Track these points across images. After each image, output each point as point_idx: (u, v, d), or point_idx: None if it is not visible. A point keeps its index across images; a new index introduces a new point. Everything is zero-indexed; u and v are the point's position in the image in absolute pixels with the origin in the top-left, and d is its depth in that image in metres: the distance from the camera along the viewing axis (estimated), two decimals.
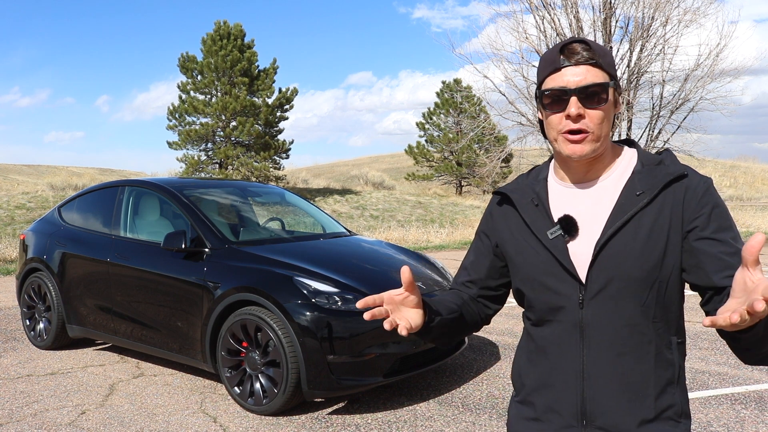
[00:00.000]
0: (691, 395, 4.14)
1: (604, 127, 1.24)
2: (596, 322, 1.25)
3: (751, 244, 0.91)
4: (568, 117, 1.23)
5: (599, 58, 1.24)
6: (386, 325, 1.16)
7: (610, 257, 1.23)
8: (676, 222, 1.22)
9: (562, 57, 1.24)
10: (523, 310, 1.44)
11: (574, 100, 1.22)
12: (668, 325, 1.26)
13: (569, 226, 1.27)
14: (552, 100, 1.25)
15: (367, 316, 1.15)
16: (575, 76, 1.22)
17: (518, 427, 1.40)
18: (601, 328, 1.25)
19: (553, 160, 1.40)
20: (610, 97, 1.24)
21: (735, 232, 1.22)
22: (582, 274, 1.25)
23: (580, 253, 1.26)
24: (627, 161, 1.32)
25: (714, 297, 1.19)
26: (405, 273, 1.19)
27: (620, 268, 1.22)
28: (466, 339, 4.59)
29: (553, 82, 1.24)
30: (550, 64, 1.26)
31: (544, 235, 1.29)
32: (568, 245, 1.27)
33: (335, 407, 4.00)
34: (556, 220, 1.30)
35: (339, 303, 3.78)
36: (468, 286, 1.48)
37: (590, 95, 1.22)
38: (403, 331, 1.17)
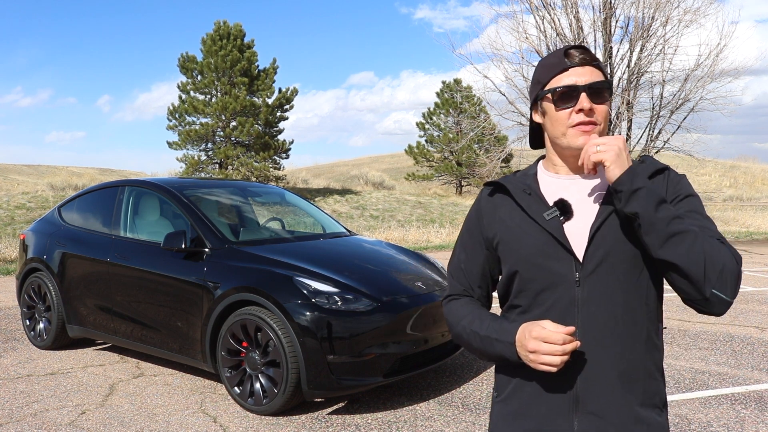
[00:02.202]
0: (691, 395, 4.14)
1: (606, 122, 1.36)
2: (592, 299, 1.29)
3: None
4: (579, 111, 1.32)
5: (598, 61, 1.37)
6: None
7: (606, 236, 1.30)
8: None
9: (566, 60, 1.35)
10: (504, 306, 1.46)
11: (584, 95, 1.32)
12: (656, 308, 1.34)
13: (565, 208, 1.35)
14: (561, 97, 1.34)
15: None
16: (582, 75, 1.33)
17: (501, 427, 1.41)
18: (596, 305, 1.30)
19: (542, 161, 1.47)
20: (610, 95, 1.36)
21: (703, 214, 1.32)
22: (579, 253, 1.31)
23: (576, 233, 1.32)
24: None
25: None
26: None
27: (615, 247, 1.29)
28: None
29: (561, 81, 1.34)
30: (555, 65, 1.36)
31: (541, 218, 1.35)
32: (564, 226, 1.34)
33: (335, 407, 4.00)
34: (551, 203, 1.36)
35: (339, 303, 3.77)
36: (472, 287, 1.48)
37: (597, 91, 1.33)
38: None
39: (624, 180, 1.23)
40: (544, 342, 1.22)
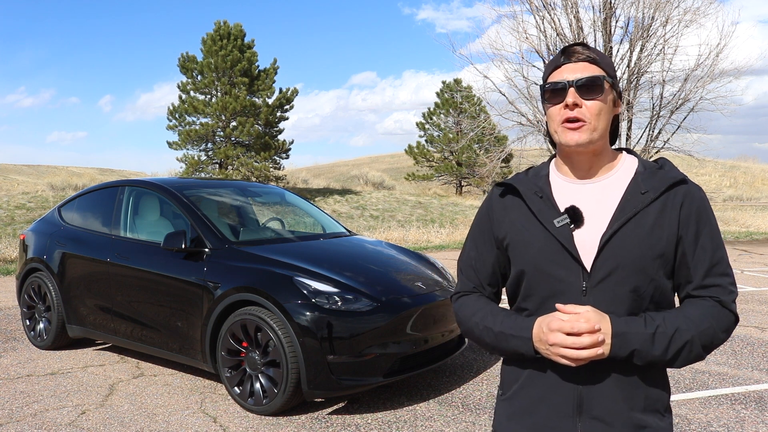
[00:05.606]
0: (691, 395, 4.14)
1: (602, 120, 1.32)
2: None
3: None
4: (566, 107, 1.31)
5: (598, 57, 1.34)
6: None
7: (616, 248, 1.28)
8: (673, 223, 1.30)
9: (563, 57, 1.35)
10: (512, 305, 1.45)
11: (571, 90, 1.31)
12: None
13: (576, 216, 1.32)
14: (551, 94, 1.34)
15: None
16: (574, 71, 1.32)
17: (505, 425, 1.41)
18: None
19: (554, 160, 1.45)
20: (606, 90, 1.32)
21: (719, 242, 1.33)
22: (587, 262, 1.29)
23: (585, 242, 1.31)
24: (629, 164, 1.38)
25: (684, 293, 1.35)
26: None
27: (625, 259, 1.27)
28: (466, 339, 4.58)
29: (553, 78, 1.35)
30: (552, 63, 1.38)
31: (551, 224, 1.33)
32: (574, 234, 1.32)
33: (335, 407, 4.00)
34: (562, 210, 1.34)
35: (339, 303, 3.77)
36: (483, 285, 1.47)
37: (586, 86, 1.30)
38: None
39: (615, 353, 1.24)
40: (564, 334, 1.23)
